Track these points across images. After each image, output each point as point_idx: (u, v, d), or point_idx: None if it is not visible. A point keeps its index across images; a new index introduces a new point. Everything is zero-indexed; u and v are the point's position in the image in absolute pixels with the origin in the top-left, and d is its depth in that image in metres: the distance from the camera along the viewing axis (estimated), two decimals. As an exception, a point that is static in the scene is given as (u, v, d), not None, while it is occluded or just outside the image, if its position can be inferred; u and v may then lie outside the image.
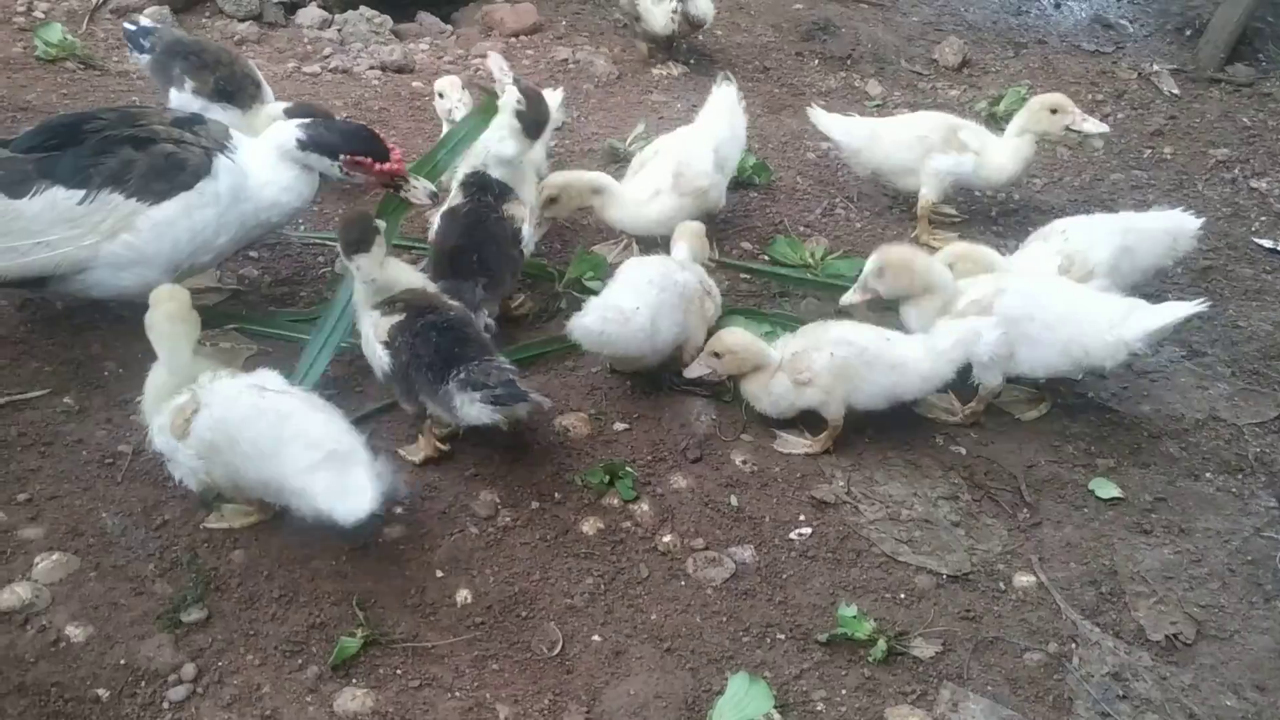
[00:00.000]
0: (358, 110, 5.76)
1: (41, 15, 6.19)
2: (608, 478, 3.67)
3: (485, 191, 4.24)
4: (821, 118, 5.27)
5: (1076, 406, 4.32)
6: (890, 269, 3.98)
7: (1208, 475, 4.06)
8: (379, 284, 3.69)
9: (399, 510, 3.52)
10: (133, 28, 4.90)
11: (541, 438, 3.87)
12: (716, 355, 3.87)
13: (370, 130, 4.00)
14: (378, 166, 3.90)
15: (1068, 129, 5.08)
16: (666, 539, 3.52)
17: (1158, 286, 5.08)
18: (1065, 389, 4.33)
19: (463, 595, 3.28)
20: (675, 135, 4.92)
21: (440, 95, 4.89)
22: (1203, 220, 4.67)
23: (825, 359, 3.81)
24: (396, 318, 3.61)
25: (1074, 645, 3.34)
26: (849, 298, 4.12)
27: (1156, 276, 4.81)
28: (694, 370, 3.93)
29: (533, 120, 4.19)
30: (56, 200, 3.54)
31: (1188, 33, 7.91)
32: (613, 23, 7.36)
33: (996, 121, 6.45)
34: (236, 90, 4.66)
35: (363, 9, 6.82)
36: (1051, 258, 4.36)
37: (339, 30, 6.62)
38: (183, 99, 4.64)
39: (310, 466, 3.04)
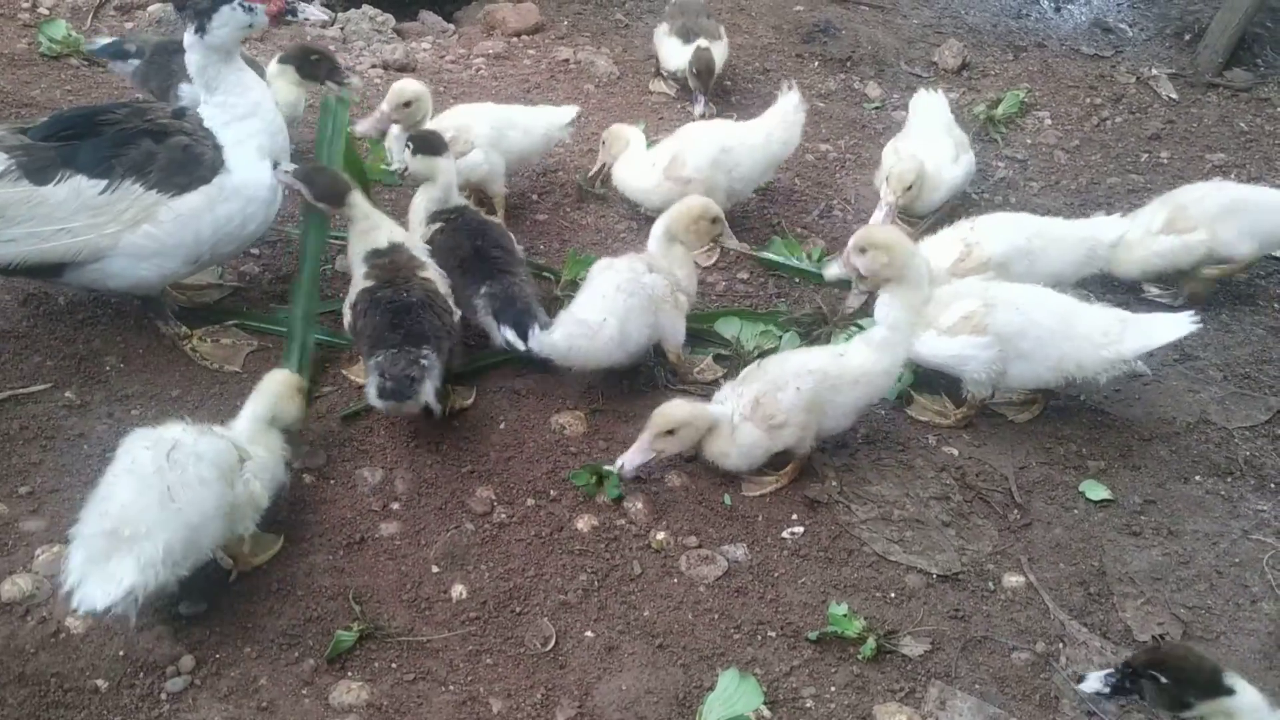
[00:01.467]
0: (358, 108, 5.79)
1: (46, 11, 6.23)
2: (594, 478, 3.70)
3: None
4: None
5: (1069, 409, 4.36)
6: (871, 248, 3.88)
7: (1197, 478, 4.10)
8: (372, 221, 3.97)
9: (395, 506, 3.57)
10: (100, 44, 5.12)
11: (538, 435, 3.91)
12: (670, 433, 3.59)
13: None
14: None
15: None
16: (660, 536, 3.56)
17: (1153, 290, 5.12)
18: (1059, 391, 4.36)
19: (458, 590, 3.32)
20: (705, 127, 5.15)
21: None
22: (1119, 233, 4.66)
23: (792, 395, 3.66)
24: (367, 283, 3.83)
25: (1061, 645, 3.38)
26: (832, 270, 4.15)
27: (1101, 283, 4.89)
28: (635, 460, 3.61)
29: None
30: (81, 188, 3.58)
31: (1187, 37, 7.93)
32: (614, 23, 7.40)
33: (994, 125, 6.50)
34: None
35: (365, 7, 6.86)
36: (954, 245, 4.42)
37: (341, 29, 6.66)
38: (191, 90, 4.63)
39: (83, 539, 2.82)
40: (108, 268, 3.70)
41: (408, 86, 4.69)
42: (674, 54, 6.24)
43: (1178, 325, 3.99)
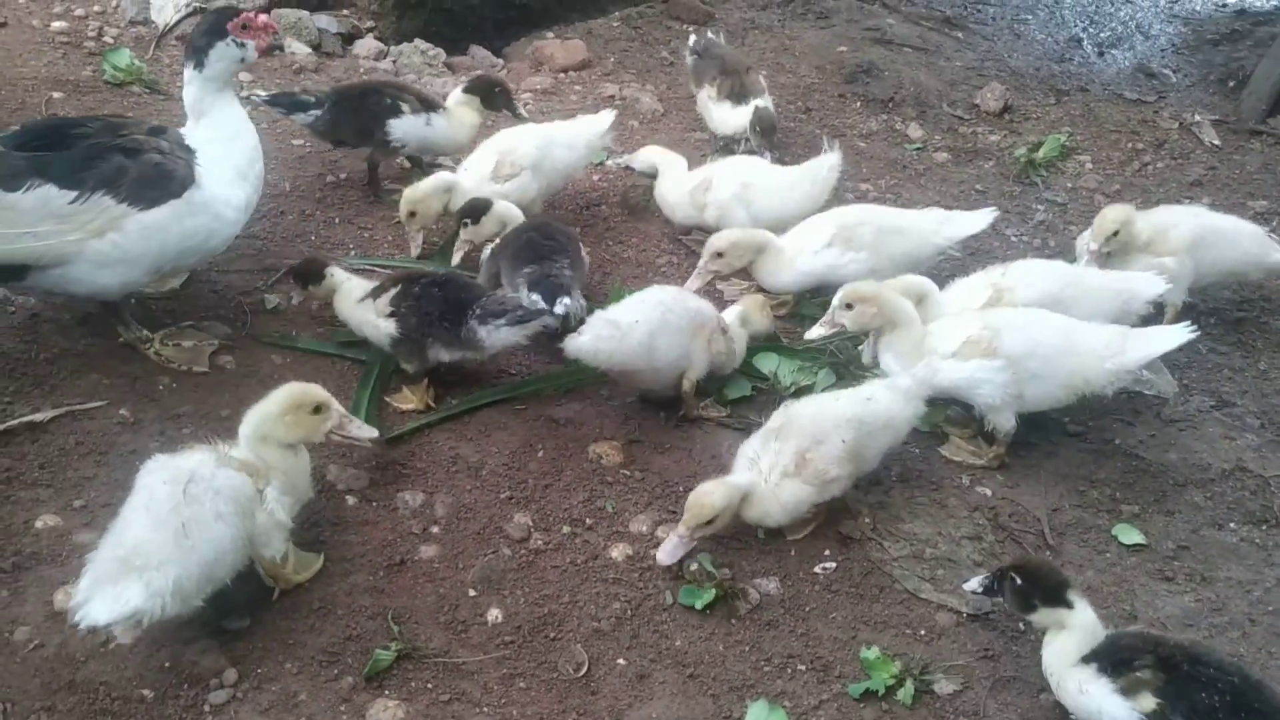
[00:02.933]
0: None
1: (111, 40, 6.44)
2: (715, 594, 3.50)
3: None
4: None
5: (1103, 452, 4.37)
6: (858, 302, 4.06)
7: (1232, 525, 4.09)
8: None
9: (435, 530, 3.65)
10: (264, 96, 5.41)
11: (575, 464, 3.98)
12: (708, 523, 3.49)
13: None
14: (261, 19, 4.08)
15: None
16: (693, 568, 3.60)
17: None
18: (1091, 436, 4.39)
19: (494, 614, 3.38)
20: (741, 161, 5.44)
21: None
22: (1163, 287, 4.55)
23: (838, 447, 3.67)
24: (392, 290, 4.10)
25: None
26: (815, 332, 4.22)
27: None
28: (677, 554, 3.53)
29: None
30: (50, 197, 3.71)
31: (1231, 84, 7.95)
32: (659, 61, 7.52)
33: (1035, 168, 6.54)
34: (430, 102, 5.34)
35: (417, 41, 7.03)
36: (984, 288, 4.44)
37: (394, 62, 6.83)
38: (403, 124, 5.20)
39: (95, 563, 2.89)
40: (70, 273, 3.82)
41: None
42: (727, 118, 6.10)
43: (1175, 335, 4.07)
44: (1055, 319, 4.15)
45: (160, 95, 5.97)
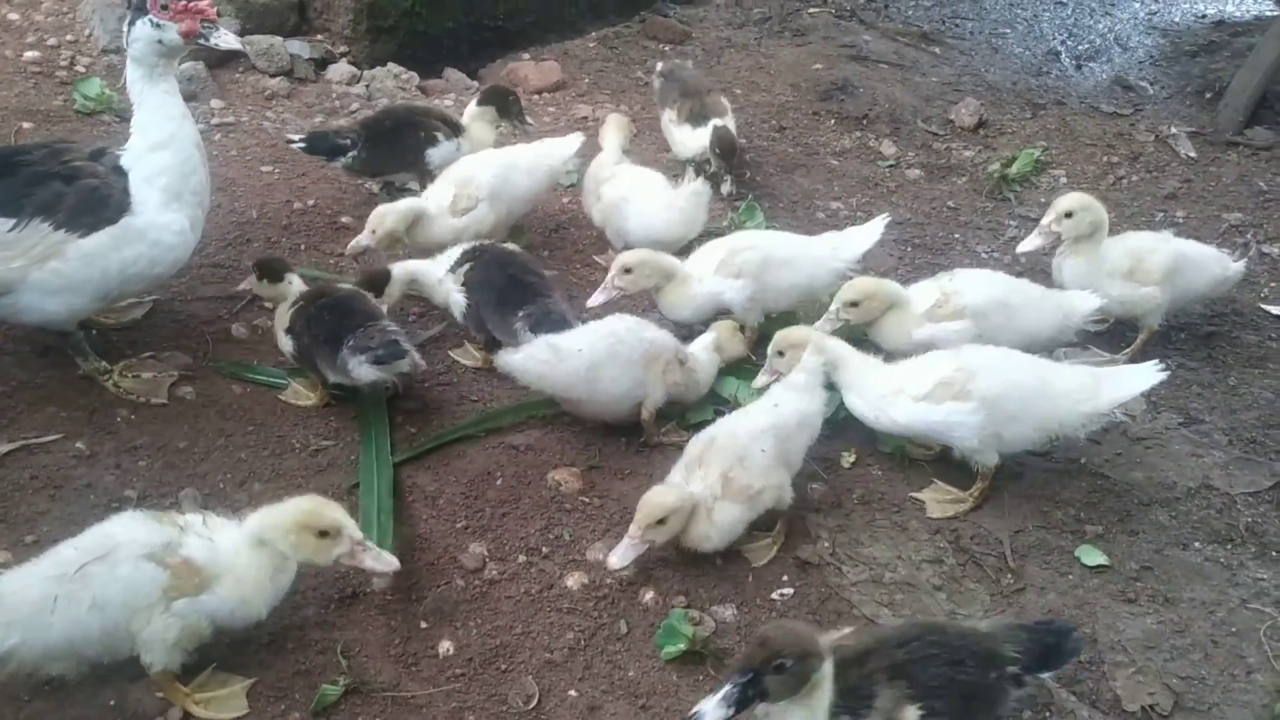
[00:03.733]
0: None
1: (83, 70, 6.44)
2: (684, 648, 3.41)
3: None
4: None
5: (1069, 472, 4.35)
6: (789, 349, 4.12)
7: (1196, 545, 4.07)
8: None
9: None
10: (299, 140, 5.38)
11: (534, 491, 3.96)
12: (661, 522, 3.49)
13: None
14: (183, 3, 3.82)
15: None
16: (648, 596, 3.58)
17: (1159, 352, 5.10)
18: (1057, 455, 4.37)
19: (445, 646, 3.36)
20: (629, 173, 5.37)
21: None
22: (1100, 304, 4.60)
23: (760, 459, 3.69)
24: (296, 305, 4.20)
25: (1049, 714, 3.36)
26: (760, 380, 4.22)
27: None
28: (628, 555, 3.50)
29: None
30: None
31: (1208, 95, 7.94)
32: (634, 81, 7.53)
33: (1008, 183, 6.53)
34: (454, 123, 5.51)
35: (390, 65, 7.04)
36: (932, 292, 4.47)
37: (366, 86, 6.83)
38: (441, 151, 5.37)
39: None
40: (17, 301, 3.84)
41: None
42: (688, 140, 6.06)
43: (1146, 376, 4.04)
44: (1031, 360, 4.11)
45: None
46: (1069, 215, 4.76)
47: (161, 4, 3.83)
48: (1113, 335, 5.08)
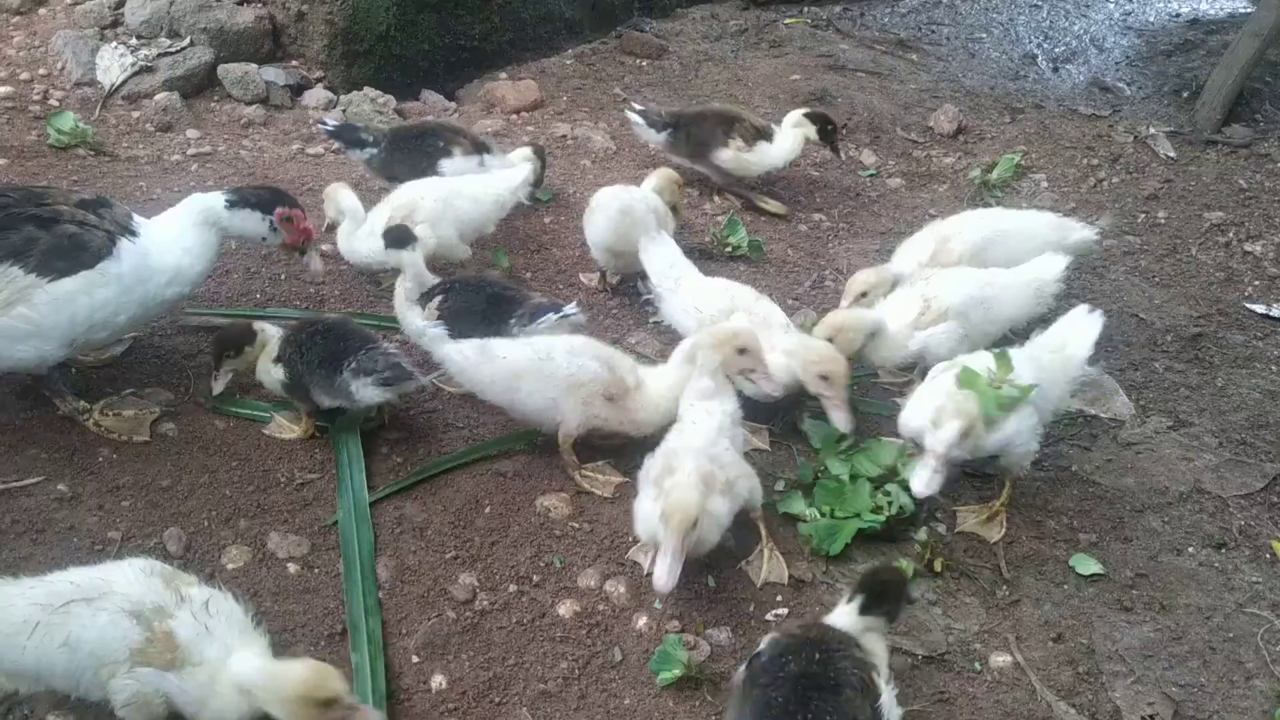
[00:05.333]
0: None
1: (56, 103, 6.39)
2: (680, 674, 3.35)
3: None
4: None
5: (1060, 480, 4.33)
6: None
7: (1190, 550, 4.05)
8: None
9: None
10: (330, 125, 5.68)
11: (523, 519, 3.92)
12: (694, 526, 3.37)
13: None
14: (304, 224, 4.20)
15: None
16: (641, 622, 3.55)
17: (1146, 354, 5.11)
18: (1047, 464, 4.36)
19: (438, 681, 3.32)
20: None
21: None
22: (1065, 263, 4.70)
23: (728, 454, 3.69)
24: (284, 336, 4.16)
25: (1049, 732, 3.34)
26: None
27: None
28: (676, 570, 3.28)
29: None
30: None
31: (1185, 94, 7.97)
32: (612, 98, 7.51)
33: (989, 189, 6.53)
34: (482, 144, 5.65)
35: (367, 90, 7.00)
36: (914, 301, 4.48)
37: (343, 111, 6.79)
38: (455, 164, 5.46)
39: None
40: None
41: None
42: (771, 152, 6.08)
43: (1091, 324, 4.19)
44: (1021, 354, 4.05)
45: (105, 157, 5.92)
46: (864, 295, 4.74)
47: (286, 217, 4.17)
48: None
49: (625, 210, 4.86)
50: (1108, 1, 9.96)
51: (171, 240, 4.05)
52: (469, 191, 5.13)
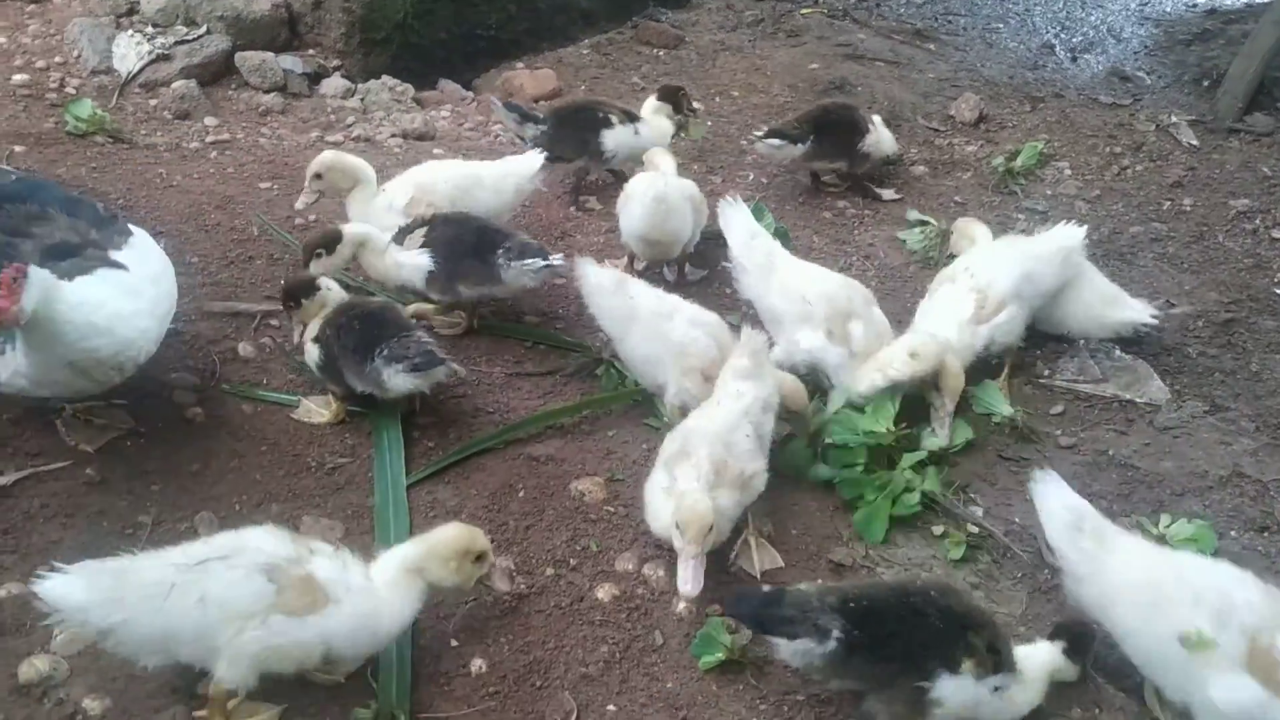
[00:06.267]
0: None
1: (73, 91, 6.34)
2: (723, 658, 3.33)
3: None
4: None
5: (1098, 464, 4.28)
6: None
7: (1233, 533, 4.00)
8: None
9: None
10: (502, 103, 5.98)
11: (557, 503, 3.87)
12: (710, 530, 3.35)
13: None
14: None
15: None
16: (681, 606, 3.50)
17: (1178, 340, 5.06)
18: (1083, 447, 4.31)
19: (477, 665, 3.27)
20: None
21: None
22: (1085, 227, 4.89)
23: (745, 444, 3.65)
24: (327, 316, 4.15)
25: (1097, 710, 3.30)
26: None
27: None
28: (699, 576, 3.27)
29: None
30: None
31: (1205, 84, 7.93)
32: (630, 87, 7.46)
33: (1013, 177, 6.48)
34: (633, 115, 5.87)
35: (385, 78, 6.96)
36: (966, 298, 4.48)
37: (361, 99, 6.75)
38: (615, 134, 5.72)
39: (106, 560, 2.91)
40: None
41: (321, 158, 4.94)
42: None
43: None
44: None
45: (124, 144, 5.87)
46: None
47: None
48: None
49: (660, 198, 4.81)
50: (1123, -8, 9.92)
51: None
52: (488, 178, 5.10)
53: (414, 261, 4.49)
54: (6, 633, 3.19)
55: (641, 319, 4.13)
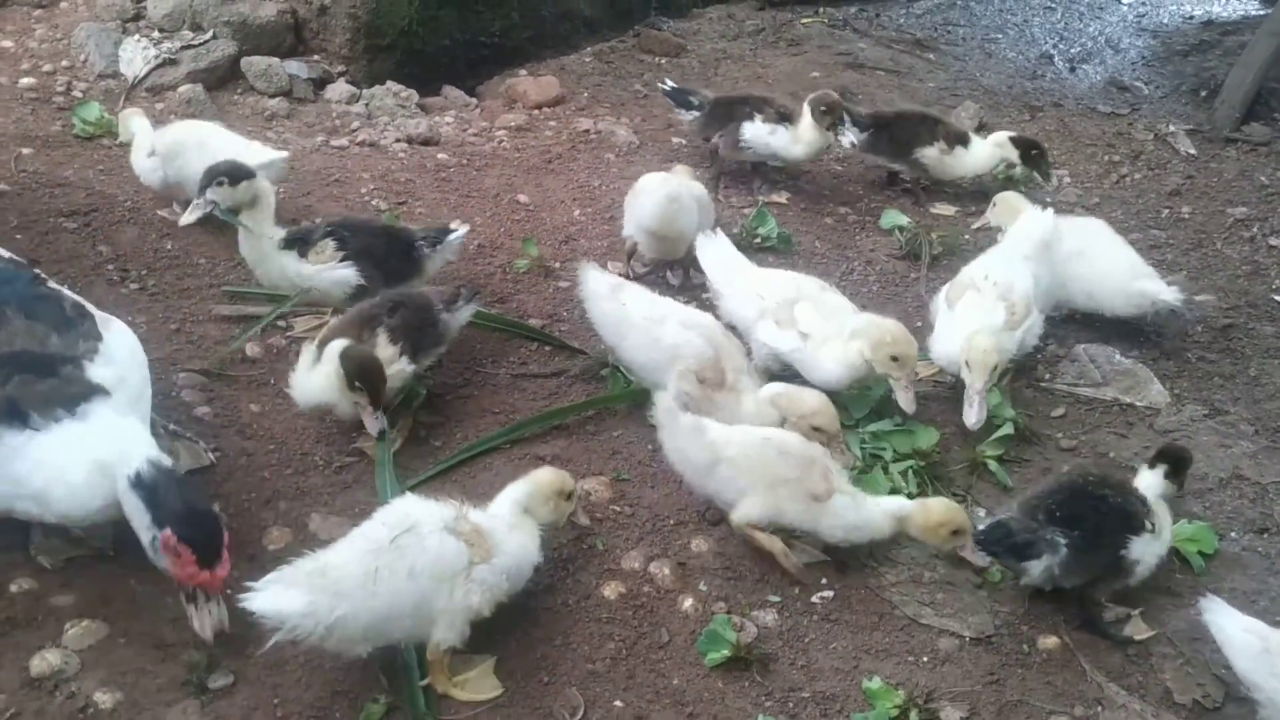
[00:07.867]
0: (384, 182, 5.90)
1: (80, 95, 6.38)
2: (728, 655, 3.35)
3: None
4: None
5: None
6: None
7: (1233, 535, 4.04)
8: None
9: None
10: (669, 86, 6.62)
11: (563, 502, 3.89)
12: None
13: (219, 523, 3.09)
14: (190, 569, 2.96)
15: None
16: (688, 603, 3.52)
17: (1178, 345, 5.10)
18: (1084, 450, 4.34)
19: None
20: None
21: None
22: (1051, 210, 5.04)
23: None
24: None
25: (1100, 709, 3.32)
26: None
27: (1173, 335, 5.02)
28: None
29: None
30: None
31: (1203, 93, 8.00)
32: (633, 94, 7.51)
33: (1013, 185, 6.52)
34: (787, 114, 6.08)
35: (390, 84, 7.00)
36: (994, 306, 4.47)
37: (366, 105, 6.79)
38: (753, 127, 6.02)
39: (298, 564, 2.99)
40: None
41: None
42: (966, 158, 6.32)
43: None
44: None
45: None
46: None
47: (174, 549, 2.96)
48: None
49: (673, 196, 4.85)
50: (1121, 3, 9.99)
51: (65, 452, 3.13)
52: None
53: (336, 275, 4.45)
54: (18, 627, 3.21)
55: (636, 325, 4.20)
